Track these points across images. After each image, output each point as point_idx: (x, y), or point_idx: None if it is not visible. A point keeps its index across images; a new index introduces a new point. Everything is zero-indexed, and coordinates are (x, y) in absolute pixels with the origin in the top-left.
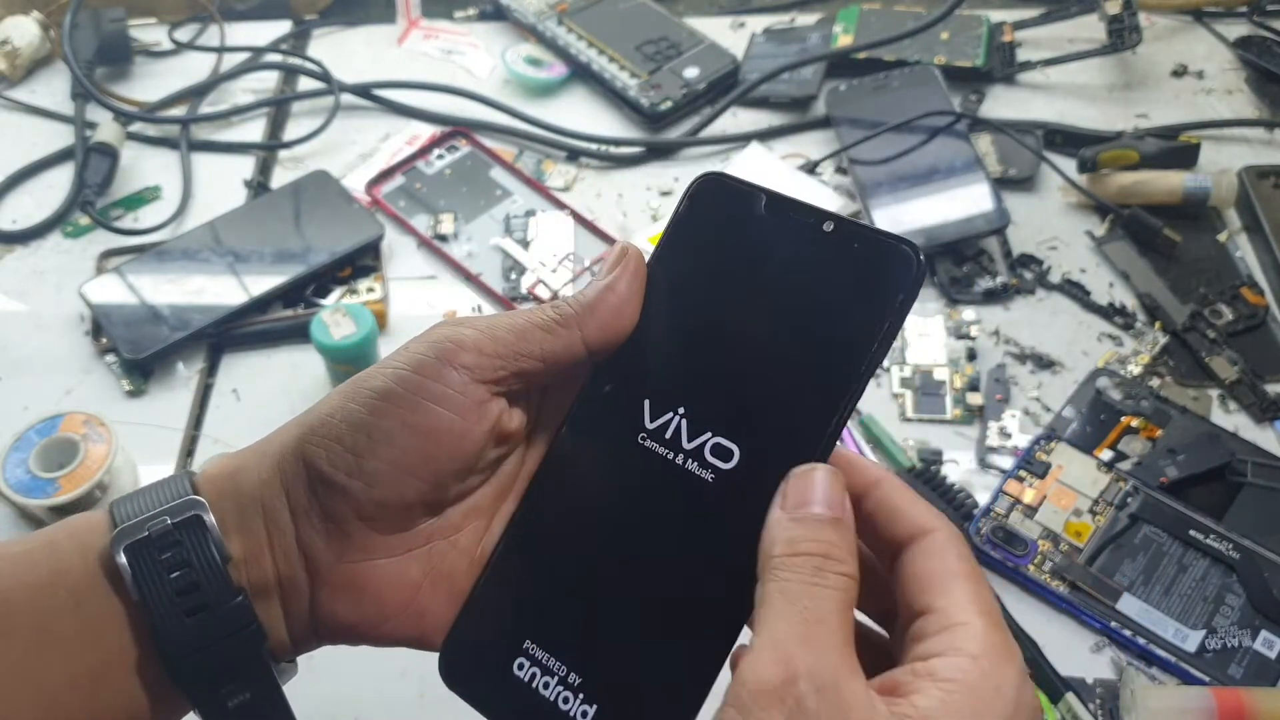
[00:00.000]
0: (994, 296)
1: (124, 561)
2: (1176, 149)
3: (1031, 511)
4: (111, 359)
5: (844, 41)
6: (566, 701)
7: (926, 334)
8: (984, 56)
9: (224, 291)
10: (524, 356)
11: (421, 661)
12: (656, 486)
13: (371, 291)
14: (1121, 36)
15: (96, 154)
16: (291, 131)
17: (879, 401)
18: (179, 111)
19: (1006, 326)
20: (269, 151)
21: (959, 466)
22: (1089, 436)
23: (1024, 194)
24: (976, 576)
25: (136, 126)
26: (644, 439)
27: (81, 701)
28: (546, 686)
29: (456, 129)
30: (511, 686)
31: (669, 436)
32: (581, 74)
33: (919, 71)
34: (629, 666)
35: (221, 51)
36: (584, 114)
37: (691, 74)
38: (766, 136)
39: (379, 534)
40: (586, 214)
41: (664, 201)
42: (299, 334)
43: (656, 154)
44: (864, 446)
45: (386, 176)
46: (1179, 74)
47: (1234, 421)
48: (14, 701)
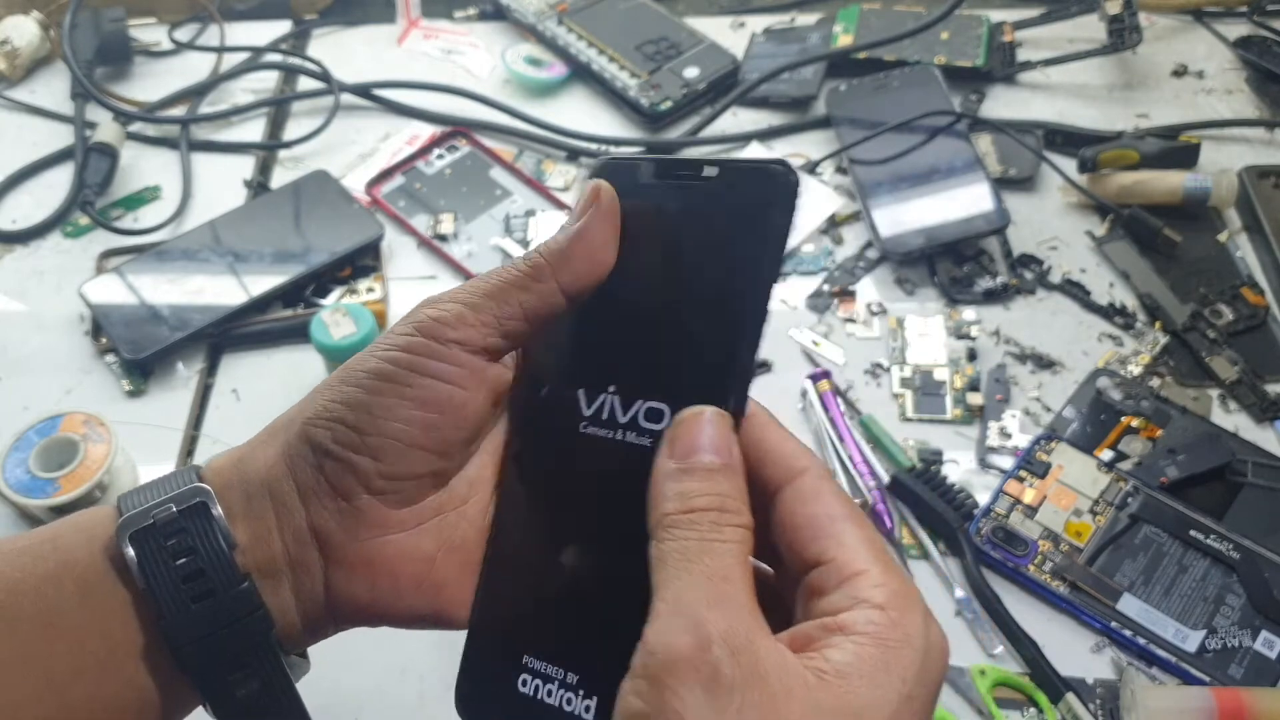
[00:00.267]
0: (994, 296)
1: (129, 549)
2: (1176, 149)
3: (1032, 511)
4: (111, 359)
5: (844, 41)
6: (570, 702)
7: (926, 334)
8: (984, 56)
9: (224, 291)
10: (507, 319)
11: (422, 660)
12: (606, 469)
13: (371, 291)
14: (1121, 36)
15: (96, 154)
16: (291, 131)
17: (879, 401)
18: (179, 111)
19: (1007, 326)
20: (269, 151)
21: (959, 466)
22: (1089, 436)
23: (1024, 194)
24: (858, 517)
25: (136, 126)
26: (585, 427)
27: (89, 690)
28: (550, 694)
29: (456, 129)
30: (520, 704)
31: (606, 417)
32: (581, 74)
33: (919, 71)
34: (618, 650)
35: (221, 51)
36: (584, 114)
37: (691, 74)
38: (766, 136)
39: (390, 509)
40: None
41: None
42: (299, 334)
43: (656, 154)
44: (864, 446)
45: (386, 176)
46: (1179, 74)
47: (1234, 421)
48: (21, 690)
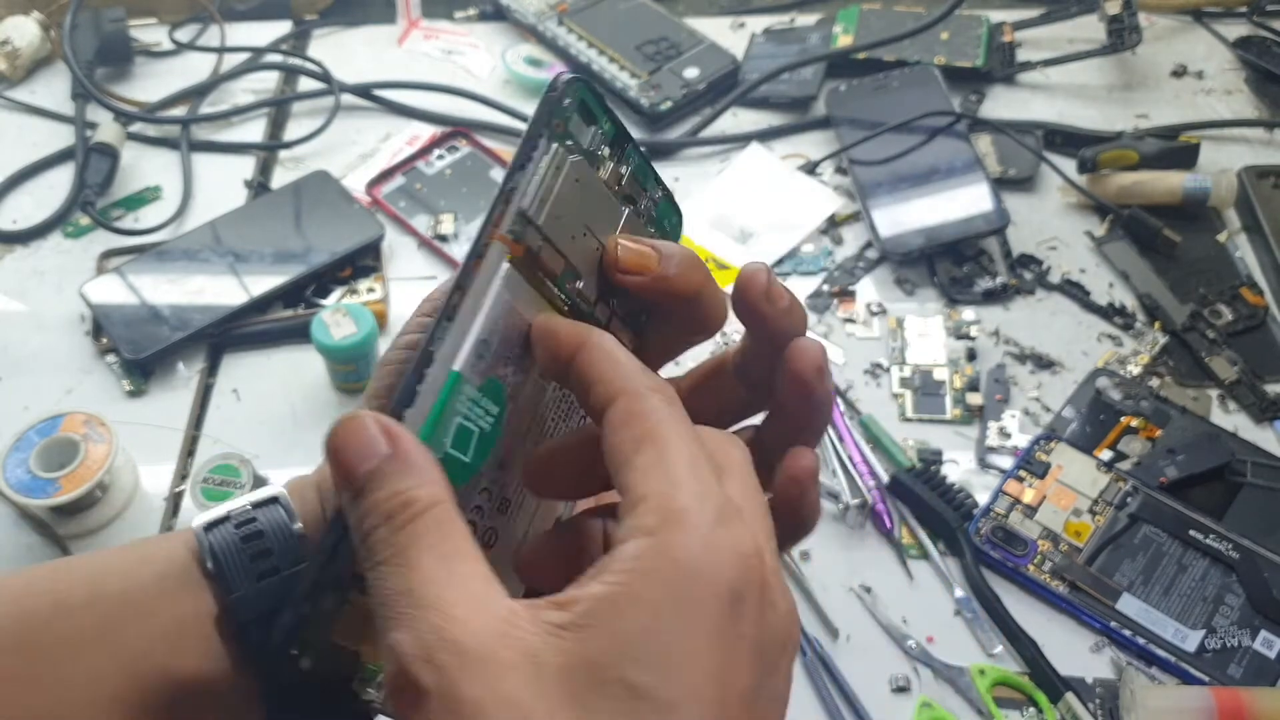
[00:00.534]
0: (994, 296)
1: (202, 534)
2: (1176, 149)
3: (1031, 511)
4: (112, 359)
5: (844, 41)
6: None
7: (926, 334)
8: (984, 56)
9: (224, 291)
10: None
11: None
12: None
13: (372, 292)
14: (1121, 37)
15: (97, 154)
16: (292, 132)
17: (879, 401)
18: (179, 112)
19: (1006, 326)
20: (269, 152)
21: (959, 466)
22: (1089, 436)
23: (1024, 194)
24: (668, 437)
25: (137, 127)
26: None
27: (159, 666)
28: None
29: (456, 129)
30: None
31: None
32: (581, 74)
33: (919, 72)
34: None
35: (222, 52)
36: None
37: (691, 74)
38: (766, 136)
39: None
40: None
41: None
42: (299, 334)
43: (656, 154)
44: (864, 446)
45: (387, 177)
46: (1179, 74)
47: (1234, 421)
48: (97, 664)
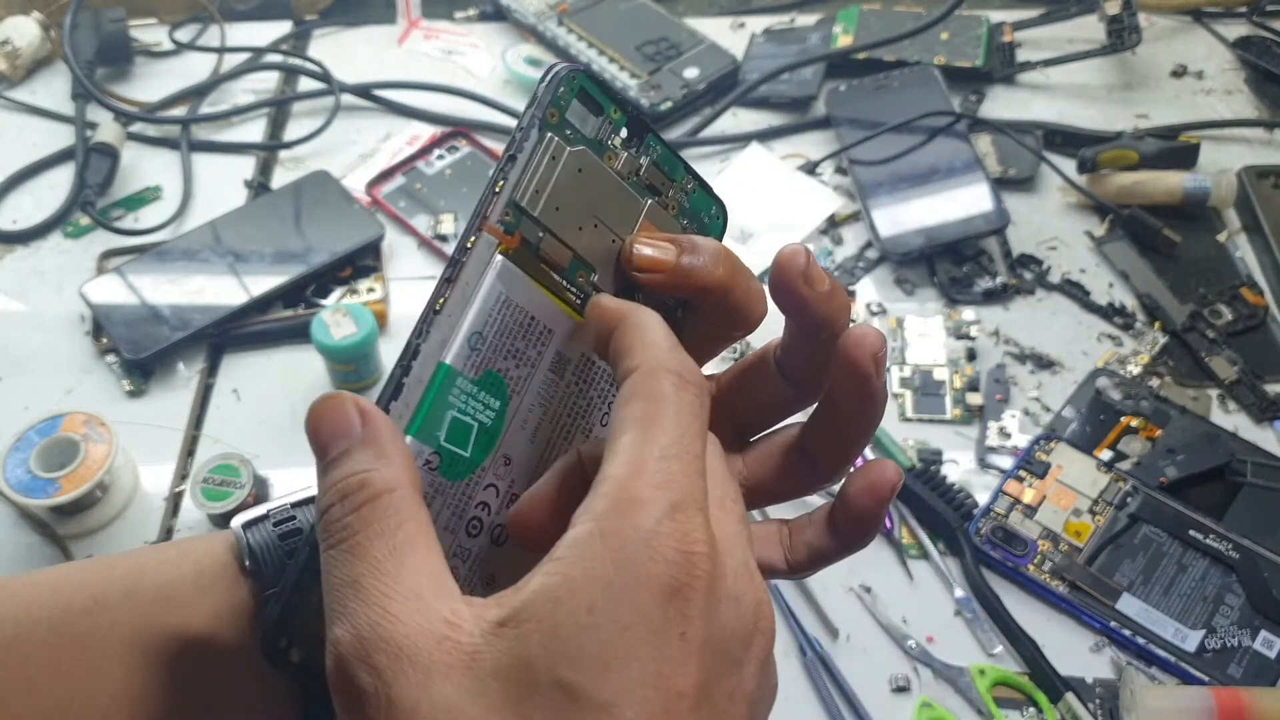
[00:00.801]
0: (994, 296)
1: (241, 532)
2: (1176, 149)
3: (1031, 511)
4: (112, 359)
5: (844, 42)
6: None
7: (926, 334)
8: (984, 57)
9: (224, 291)
10: None
11: None
12: None
13: (372, 291)
14: (1121, 37)
15: (97, 154)
16: (292, 132)
17: None
18: (179, 112)
19: (1006, 326)
20: (269, 152)
21: (959, 466)
22: (1089, 436)
23: (1024, 194)
24: (661, 422)
25: (137, 127)
26: None
27: (196, 661)
28: None
29: (456, 129)
30: None
31: None
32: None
33: (919, 72)
34: None
35: (222, 52)
36: None
37: (691, 74)
38: (766, 137)
39: None
40: None
41: None
42: (299, 334)
43: None
44: None
45: (387, 177)
46: (1179, 74)
47: (1233, 421)
48: (135, 658)
